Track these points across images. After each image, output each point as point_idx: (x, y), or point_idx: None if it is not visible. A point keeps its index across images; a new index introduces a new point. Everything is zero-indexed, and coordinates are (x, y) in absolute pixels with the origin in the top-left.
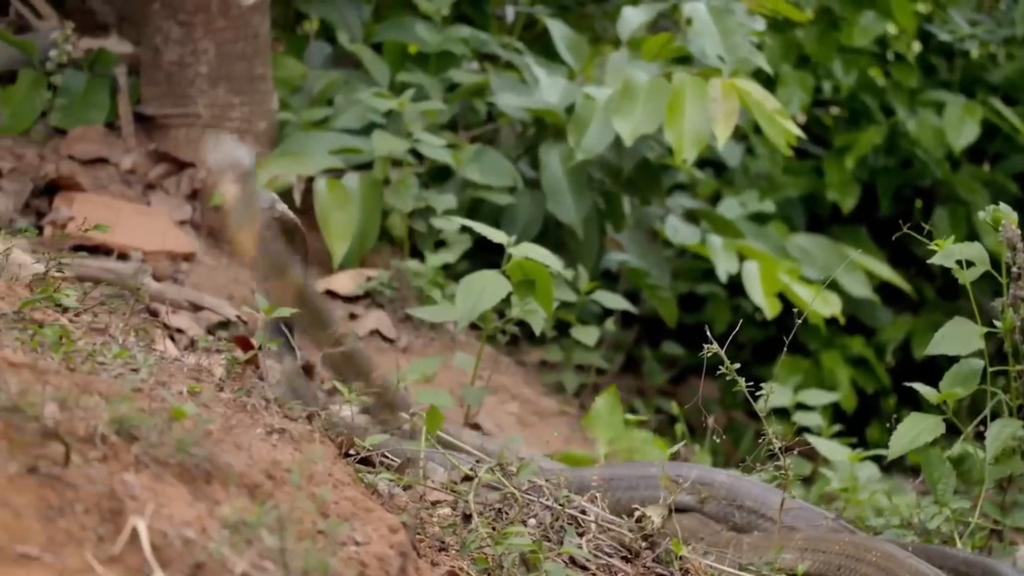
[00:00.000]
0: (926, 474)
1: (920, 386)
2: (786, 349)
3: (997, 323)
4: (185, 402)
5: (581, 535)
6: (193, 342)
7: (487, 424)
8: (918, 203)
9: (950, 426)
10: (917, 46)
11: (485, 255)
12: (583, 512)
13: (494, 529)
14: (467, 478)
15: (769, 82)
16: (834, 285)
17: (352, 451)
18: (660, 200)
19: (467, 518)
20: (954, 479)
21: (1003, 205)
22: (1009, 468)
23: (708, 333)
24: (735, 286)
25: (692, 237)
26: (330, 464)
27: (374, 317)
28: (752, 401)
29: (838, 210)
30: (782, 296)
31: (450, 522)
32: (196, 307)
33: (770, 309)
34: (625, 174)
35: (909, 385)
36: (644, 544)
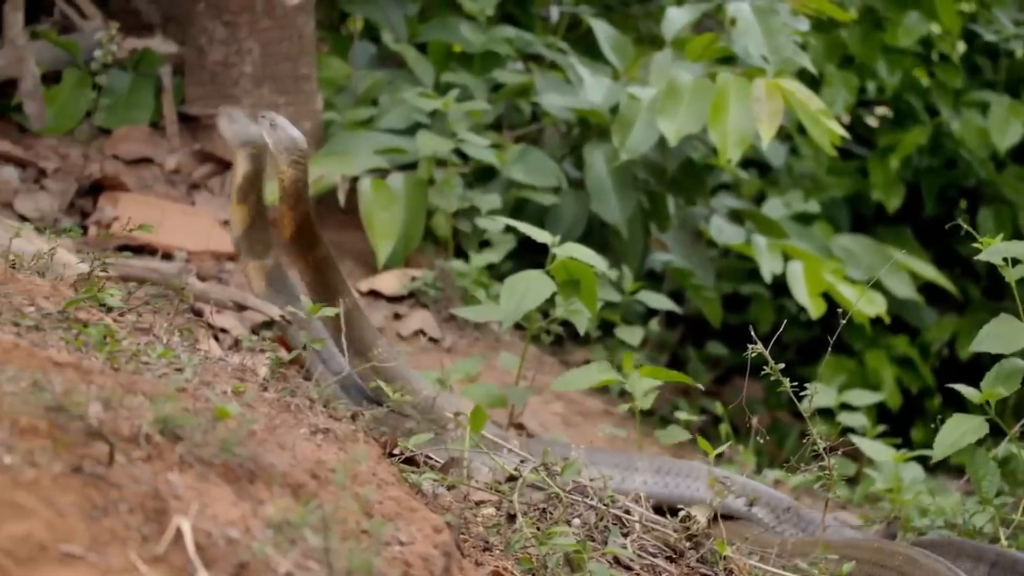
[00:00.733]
0: (971, 474)
1: (962, 387)
2: (830, 349)
3: None
4: (229, 402)
5: (625, 535)
6: (237, 342)
7: (531, 424)
8: (962, 203)
9: (997, 427)
10: (962, 46)
11: (529, 255)
12: (627, 512)
13: (538, 529)
14: (511, 478)
15: (813, 82)
16: (878, 286)
17: (396, 451)
18: (704, 200)
19: (511, 518)
20: (999, 479)
21: None
22: None
23: (752, 333)
24: (779, 286)
25: (736, 237)
26: (374, 464)
27: (418, 317)
28: (796, 401)
29: (882, 210)
30: (826, 296)
31: (494, 522)
32: (240, 307)
33: (815, 309)
34: (669, 174)
35: (952, 386)
36: (688, 544)
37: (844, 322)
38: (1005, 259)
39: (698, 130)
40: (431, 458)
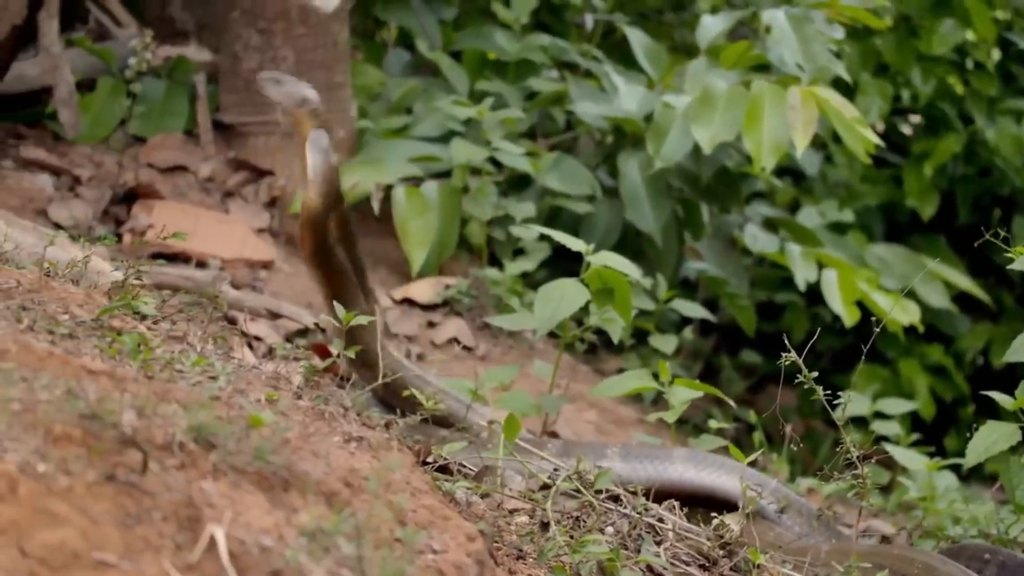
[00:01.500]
0: (1004, 482)
1: (996, 394)
2: (864, 357)
3: None
4: (263, 410)
5: (659, 543)
6: (271, 350)
7: (565, 432)
8: (997, 212)
9: None
10: (996, 54)
11: (563, 263)
12: (660, 520)
13: (571, 537)
14: (545, 486)
15: (848, 90)
16: (912, 295)
17: (430, 459)
18: (739, 208)
19: (545, 526)
20: None
21: None
22: None
23: (786, 341)
24: (813, 295)
25: (771, 245)
26: (408, 472)
27: (452, 325)
28: (830, 410)
29: (917, 218)
30: (860, 304)
31: (528, 530)
32: (274, 315)
33: (849, 317)
34: (704, 182)
35: (986, 393)
36: (722, 552)
37: (878, 331)
38: None
39: (732, 138)
40: (464, 466)
